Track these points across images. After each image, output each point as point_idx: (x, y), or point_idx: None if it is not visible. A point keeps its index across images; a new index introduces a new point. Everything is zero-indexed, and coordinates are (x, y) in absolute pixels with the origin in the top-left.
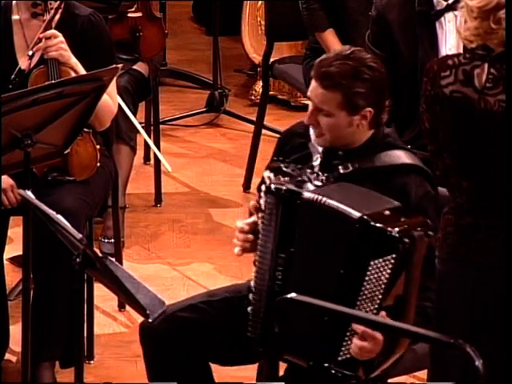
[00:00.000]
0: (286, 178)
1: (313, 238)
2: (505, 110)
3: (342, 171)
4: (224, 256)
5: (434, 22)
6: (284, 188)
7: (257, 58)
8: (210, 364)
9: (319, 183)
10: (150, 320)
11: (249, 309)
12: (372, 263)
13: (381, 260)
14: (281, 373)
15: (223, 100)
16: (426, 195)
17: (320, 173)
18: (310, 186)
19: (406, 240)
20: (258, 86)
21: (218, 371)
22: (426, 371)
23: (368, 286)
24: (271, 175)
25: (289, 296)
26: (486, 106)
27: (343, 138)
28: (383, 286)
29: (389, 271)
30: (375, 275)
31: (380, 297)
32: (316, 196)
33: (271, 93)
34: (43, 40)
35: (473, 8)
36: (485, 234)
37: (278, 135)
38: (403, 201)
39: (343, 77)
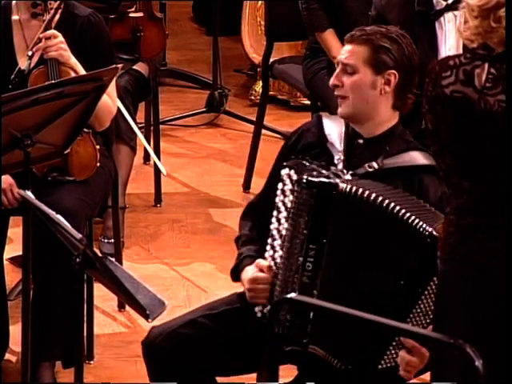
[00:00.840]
0: (314, 173)
1: (349, 232)
2: (504, 110)
3: (368, 169)
4: (224, 256)
5: (434, 22)
6: (317, 179)
7: (257, 58)
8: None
9: (349, 178)
10: (150, 320)
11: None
12: (434, 279)
13: None
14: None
15: (223, 100)
16: (443, 196)
17: (345, 170)
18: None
19: None
20: (258, 86)
21: None
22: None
23: (425, 301)
24: (291, 172)
25: (288, 296)
26: (486, 106)
27: (366, 104)
28: None
29: None
30: (435, 291)
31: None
32: (354, 187)
33: (271, 93)
34: (43, 40)
35: (473, 7)
36: (485, 234)
37: (277, 135)
38: (422, 199)
39: (373, 33)
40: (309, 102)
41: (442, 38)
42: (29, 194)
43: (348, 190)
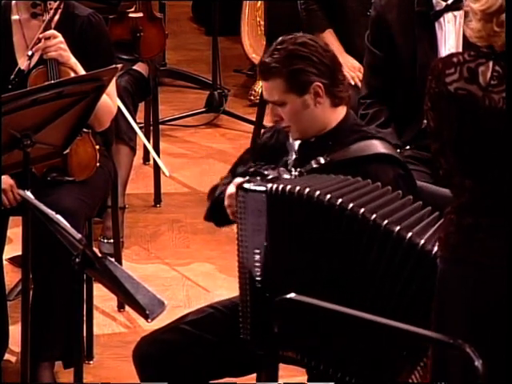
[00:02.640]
0: (258, 178)
1: (288, 231)
2: (507, 109)
3: (314, 165)
4: (223, 256)
5: (434, 23)
6: (252, 185)
7: (256, 58)
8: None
9: (289, 177)
10: (150, 320)
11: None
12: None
13: None
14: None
15: (222, 100)
16: (397, 176)
17: (293, 169)
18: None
19: None
20: (258, 86)
21: None
22: None
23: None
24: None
25: (288, 296)
26: (491, 103)
27: (309, 122)
28: None
29: None
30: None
31: None
32: (282, 185)
33: None
34: (43, 40)
35: (476, 11)
36: (486, 233)
37: None
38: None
39: (277, 62)
40: None
41: (441, 39)
42: (28, 194)
43: (275, 188)
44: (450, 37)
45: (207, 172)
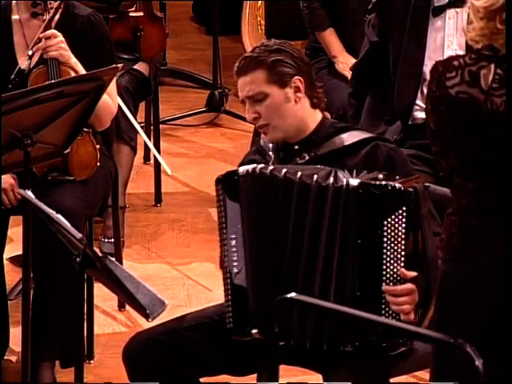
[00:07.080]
0: None
1: (264, 211)
2: (508, 111)
3: (299, 162)
4: None
5: (427, 20)
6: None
7: None
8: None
9: None
10: (150, 320)
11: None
12: (385, 223)
13: (393, 216)
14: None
15: (223, 99)
16: (389, 151)
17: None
18: None
19: (411, 189)
20: None
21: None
22: (425, 371)
23: (389, 247)
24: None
25: (288, 296)
26: (493, 106)
27: (289, 119)
28: (403, 242)
29: (404, 225)
30: (392, 233)
31: (403, 253)
32: (255, 167)
33: None
34: (43, 40)
35: (479, 8)
36: (488, 233)
37: None
38: (372, 169)
39: (259, 54)
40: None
41: (430, 36)
42: (29, 193)
43: (250, 169)
44: (449, 33)
45: (208, 171)
